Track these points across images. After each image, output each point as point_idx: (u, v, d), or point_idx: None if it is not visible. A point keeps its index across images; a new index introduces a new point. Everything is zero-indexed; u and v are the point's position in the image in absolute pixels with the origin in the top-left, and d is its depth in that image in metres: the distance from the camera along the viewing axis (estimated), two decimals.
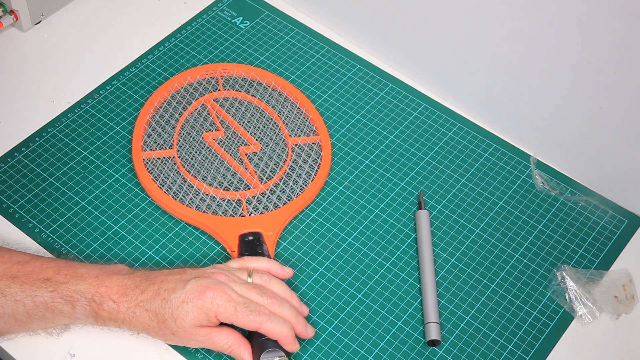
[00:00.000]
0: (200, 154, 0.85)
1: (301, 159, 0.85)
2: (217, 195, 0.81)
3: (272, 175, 0.84)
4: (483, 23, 0.84)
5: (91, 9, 1.00)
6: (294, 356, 0.73)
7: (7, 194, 0.82)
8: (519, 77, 0.85)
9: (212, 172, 0.84)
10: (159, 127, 0.87)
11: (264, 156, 0.85)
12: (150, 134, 0.86)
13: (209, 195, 0.81)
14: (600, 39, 0.76)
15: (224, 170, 0.84)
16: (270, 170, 0.84)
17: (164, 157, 0.85)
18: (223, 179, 0.83)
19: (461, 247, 0.81)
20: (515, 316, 0.77)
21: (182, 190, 0.82)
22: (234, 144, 0.86)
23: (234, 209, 0.81)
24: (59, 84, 0.92)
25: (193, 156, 0.85)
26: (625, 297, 0.77)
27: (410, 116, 0.92)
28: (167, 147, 0.85)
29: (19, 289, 0.67)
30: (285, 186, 0.83)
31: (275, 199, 0.82)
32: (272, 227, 0.79)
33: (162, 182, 0.82)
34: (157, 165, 0.84)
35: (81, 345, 0.72)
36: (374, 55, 0.97)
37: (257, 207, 0.81)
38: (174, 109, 0.89)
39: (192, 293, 0.67)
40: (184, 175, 0.83)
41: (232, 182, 0.83)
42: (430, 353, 0.74)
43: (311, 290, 0.77)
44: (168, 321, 0.67)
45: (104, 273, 0.69)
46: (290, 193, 0.82)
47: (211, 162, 0.85)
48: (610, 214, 0.84)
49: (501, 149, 0.89)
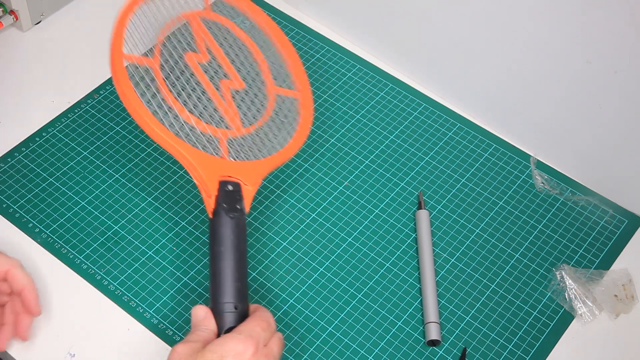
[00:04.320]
0: (182, 76, 0.75)
1: (282, 113, 0.78)
2: (197, 127, 0.72)
3: (254, 120, 0.76)
4: (483, 23, 0.84)
5: (91, 9, 1.00)
6: (294, 355, 0.73)
7: (7, 194, 0.82)
8: (519, 77, 0.85)
9: (193, 98, 0.74)
10: (138, 31, 0.76)
11: (246, 98, 0.77)
12: (130, 36, 0.75)
13: (189, 124, 0.72)
14: (600, 39, 0.76)
15: (205, 101, 0.75)
16: (252, 115, 0.76)
17: (146, 66, 0.73)
18: (204, 110, 0.74)
19: (461, 247, 0.81)
20: (515, 316, 0.77)
21: (161, 110, 0.71)
22: (217, 74, 0.77)
23: (214, 147, 0.72)
24: (59, 84, 0.93)
25: (175, 75, 0.75)
26: (625, 297, 0.77)
27: (410, 116, 0.92)
28: (149, 56, 0.74)
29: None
30: (265, 137, 0.76)
31: (256, 149, 0.75)
32: (251, 178, 0.71)
33: (142, 94, 0.71)
34: (136, 74, 0.72)
35: (81, 345, 0.72)
36: (374, 55, 0.97)
37: (239, 152, 0.73)
38: (155, 16, 0.77)
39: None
40: (165, 92, 0.72)
41: (214, 117, 0.74)
42: (430, 353, 0.74)
43: (311, 290, 0.77)
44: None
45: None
46: (270, 146, 0.75)
47: (192, 87, 0.75)
48: (610, 214, 0.84)
49: (501, 149, 0.89)
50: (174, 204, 0.83)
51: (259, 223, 0.82)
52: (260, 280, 0.78)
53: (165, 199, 0.83)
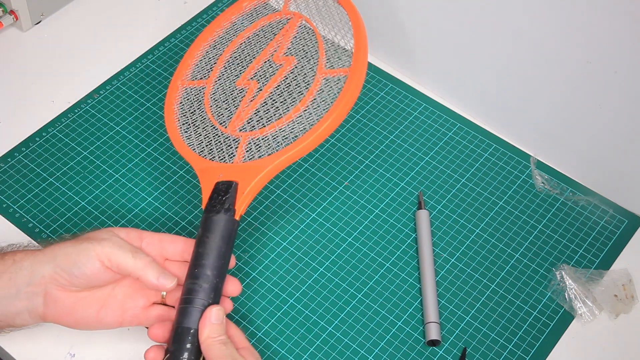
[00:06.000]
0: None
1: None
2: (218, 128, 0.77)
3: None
4: (483, 23, 0.84)
5: (91, 9, 1.00)
6: (294, 355, 0.73)
7: (7, 194, 0.82)
8: (519, 77, 0.85)
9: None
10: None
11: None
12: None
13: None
14: (600, 39, 0.76)
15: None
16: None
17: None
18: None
19: (461, 247, 0.81)
20: (515, 316, 0.77)
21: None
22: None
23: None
24: (59, 84, 0.93)
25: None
26: (625, 297, 0.77)
27: (410, 116, 0.92)
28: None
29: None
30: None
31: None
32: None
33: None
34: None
35: (81, 345, 0.72)
36: (374, 55, 0.97)
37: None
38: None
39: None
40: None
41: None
42: (430, 353, 0.74)
43: (311, 290, 0.77)
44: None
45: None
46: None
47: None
48: (610, 214, 0.84)
49: (501, 149, 0.89)
50: (174, 204, 0.83)
51: (259, 223, 0.82)
52: (260, 280, 0.78)
53: (166, 199, 0.83)
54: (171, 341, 0.64)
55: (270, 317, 0.75)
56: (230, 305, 0.68)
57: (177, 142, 0.78)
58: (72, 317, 0.67)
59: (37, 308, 0.66)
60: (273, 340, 0.74)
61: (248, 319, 0.75)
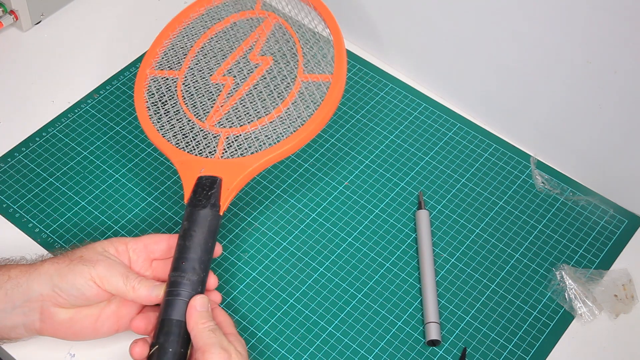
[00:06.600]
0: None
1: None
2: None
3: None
4: (483, 23, 0.84)
5: (91, 9, 1.00)
6: (294, 355, 0.73)
7: (7, 194, 0.82)
8: (519, 77, 0.85)
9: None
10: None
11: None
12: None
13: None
14: (600, 39, 0.76)
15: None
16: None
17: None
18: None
19: (461, 247, 0.81)
20: (515, 316, 0.77)
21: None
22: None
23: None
24: (59, 84, 0.93)
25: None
26: (625, 297, 0.77)
27: (410, 116, 0.92)
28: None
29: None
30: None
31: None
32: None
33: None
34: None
35: (81, 346, 0.72)
36: (374, 55, 0.97)
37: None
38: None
39: None
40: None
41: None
42: (430, 353, 0.74)
43: (311, 290, 0.77)
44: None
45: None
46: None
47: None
48: (610, 213, 0.84)
49: (501, 149, 0.89)
50: (174, 204, 0.83)
51: (259, 223, 0.82)
52: (261, 281, 0.78)
53: (166, 199, 0.83)
54: (158, 333, 0.65)
55: (270, 317, 0.75)
56: (218, 296, 0.70)
57: (150, 133, 0.78)
58: (69, 330, 0.68)
59: (33, 323, 0.67)
60: (273, 340, 0.74)
61: (248, 319, 0.75)
